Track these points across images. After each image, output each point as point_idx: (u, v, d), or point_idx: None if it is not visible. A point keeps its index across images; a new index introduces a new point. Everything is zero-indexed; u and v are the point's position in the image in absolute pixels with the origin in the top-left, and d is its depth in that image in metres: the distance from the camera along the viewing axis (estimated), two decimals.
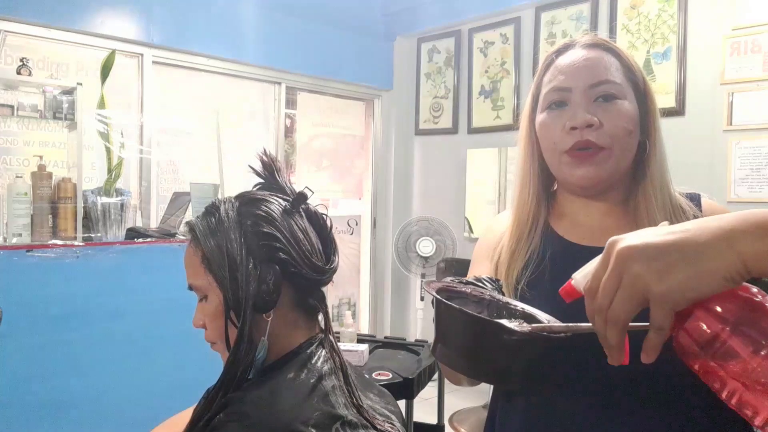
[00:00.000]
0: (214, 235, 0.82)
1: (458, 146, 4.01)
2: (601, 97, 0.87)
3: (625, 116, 0.87)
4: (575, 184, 0.91)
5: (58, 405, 1.93)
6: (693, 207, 0.90)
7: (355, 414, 0.78)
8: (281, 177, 0.89)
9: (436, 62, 4.18)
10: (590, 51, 0.91)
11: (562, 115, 0.89)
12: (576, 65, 0.90)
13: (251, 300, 0.79)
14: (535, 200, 0.96)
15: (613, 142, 0.87)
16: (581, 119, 0.86)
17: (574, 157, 0.88)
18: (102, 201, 2.18)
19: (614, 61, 0.90)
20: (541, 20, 3.55)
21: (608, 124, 0.86)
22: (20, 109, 2.21)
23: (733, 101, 2.79)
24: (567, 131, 0.88)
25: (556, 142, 0.90)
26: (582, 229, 0.94)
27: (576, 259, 0.89)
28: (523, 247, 0.95)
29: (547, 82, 0.93)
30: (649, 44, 3.08)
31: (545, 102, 0.92)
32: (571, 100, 0.89)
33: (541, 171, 0.96)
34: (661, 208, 0.88)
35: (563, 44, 0.94)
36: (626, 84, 0.89)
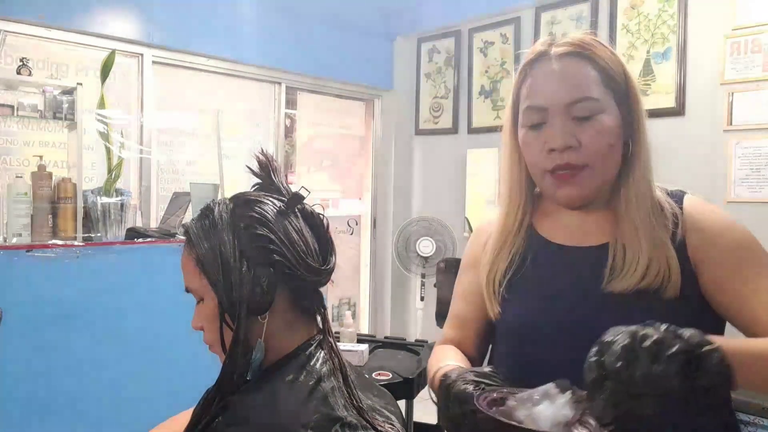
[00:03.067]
0: (208, 238, 0.82)
1: (458, 146, 4.01)
2: (578, 117, 0.86)
3: (606, 132, 0.87)
4: (559, 201, 0.92)
5: (58, 405, 1.93)
6: (674, 205, 0.90)
7: (355, 415, 0.78)
8: (277, 177, 0.89)
9: (436, 62, 4.18)
10: (565, 63, 0.88)
11: (540, 135, 0.89)
12: (551, 83, 0.88)
13: (245, 302, 0.78)
14: (521, 207, 0.97)
15: (594, 159, 0.87)
16: (560, 142, 0.86)
17: (556, 178, 0.89)
18: (102, 201, 2.18)
19: (591, 72, 0.87)
20: (541, 20, 3.55)
21: (588, 144, 0.86)
22: (20, 109, 2.21)
23: (733, 101, 2.78)
24: (546, 152, 0.88)
25: (537, 163, 0.90)
26: (563, 230, 0.95)
27: (557, 259, 0.93)
28: (506, 250, 0.97)
29: (524, 97, 0.92)
30: (649, 44, 3.08)
31: (523, 119, 0.92)
32: (548, 119, 0.88)
33: (525, 173, 0.96)
34: (642, 209, 0.88)
35: (537, 53, 0.91)
36: (605, 95, 0.87)
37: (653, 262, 0.85)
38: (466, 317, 1.04)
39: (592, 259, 0.90)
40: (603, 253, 0.89)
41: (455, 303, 1.08)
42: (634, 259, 0.85)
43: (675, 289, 0.84)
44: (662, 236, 0.86)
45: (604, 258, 0.88)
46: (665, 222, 0.88)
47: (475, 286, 1.02)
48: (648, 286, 0.84)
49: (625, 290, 0.85)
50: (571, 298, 0.89)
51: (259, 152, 0.89)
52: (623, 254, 0.87)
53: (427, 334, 3.58)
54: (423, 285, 3.98)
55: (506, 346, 0.97)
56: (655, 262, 0.85)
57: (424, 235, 3.84)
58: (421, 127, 4.28)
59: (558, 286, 0.91)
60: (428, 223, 3.86)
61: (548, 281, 0.93)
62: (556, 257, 0.94)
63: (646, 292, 0.84)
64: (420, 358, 2.21)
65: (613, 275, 0.86)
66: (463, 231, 3.93)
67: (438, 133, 4.18)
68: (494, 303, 0.96)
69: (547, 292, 0.92)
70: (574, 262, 0.92)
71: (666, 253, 0.85)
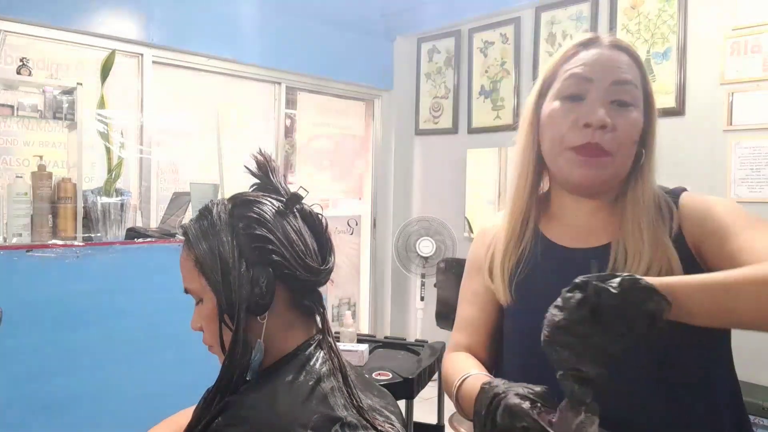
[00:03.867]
0: (206, 238, 0.81)
1: (458, 146, 4.01)
2: (617, 101, 0.87)
3: (635, 126, 0.88)
4: (572, 182, 0.91)
5: (58, 405, 1.93)
6: (670, 202, 0.91)
7: (355, 415, 0.78)
8: (276, 177, 0.88)
9: (436, 62, 4.18)
10: (614, 51, 0.90)
11: (575, 108, 0.87)
12: (600, 60, 0.89)
13: (244, 303, 0.78)
14: (529, 197, 0.97)
15: (619, 149, 0.87)
16: (598, 118, 0.85)
17: (580, 154, 0.87)
18: (102, 201, 2.18)
19: (634, 67, 0.90)
20: (541, 20, 3.55)
21: (620, 130, 0.86)
22: (20, 109, 2.21)
23: (733, 101, 2.78)
24: (579, 127, 0.86)
25: (563, 136, 0.88)
26: (569, 231, 0.95)
27: (562, 262, 0.93)
28: (515, 248, 0.96)
29: (567, 68, 0.90)
30: (649, 44, 3.08)
31: (561, 89, 0.90)
32: (589, 94, 0.87)
33: (537, 164, 0.95)
34: (647, 212, 0.88)
35: (588, 38, 0.92)
36: (640, 92, 0.89)
37: (654, 263, 0.85)
38: (475, 322, 1.02)
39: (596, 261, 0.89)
40: (606, 253, 0.89)
41: (463, 308, 1.06)
42: (635, 261, 0.85)
43: None
44: (663, 236, 0.87)
45: (607, 259, 0.88)
46: (664, 220, 0.89)
47: (482, 288, 1.01)
48: None
49: None
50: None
51: (257, 152, 0.89)
52: (624, 256, 0.87)
53: (427, 334, 3.58)
54: (423, 285, 3.98)
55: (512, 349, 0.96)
56: (656, 263, 0.85)
57: (424, 235, 3.84)
58: (421, 127, 4.28)
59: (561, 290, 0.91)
60: (428, 223, 3.86)
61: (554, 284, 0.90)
62: (561, 259, 0.93)
63: None
64: (420, 358, 2.21)
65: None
66: (463, 231, 3.93)
67: (438, 133, 4.18)
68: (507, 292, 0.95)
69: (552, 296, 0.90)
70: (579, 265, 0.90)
71: (668, 254, 0.85)
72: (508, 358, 0.98)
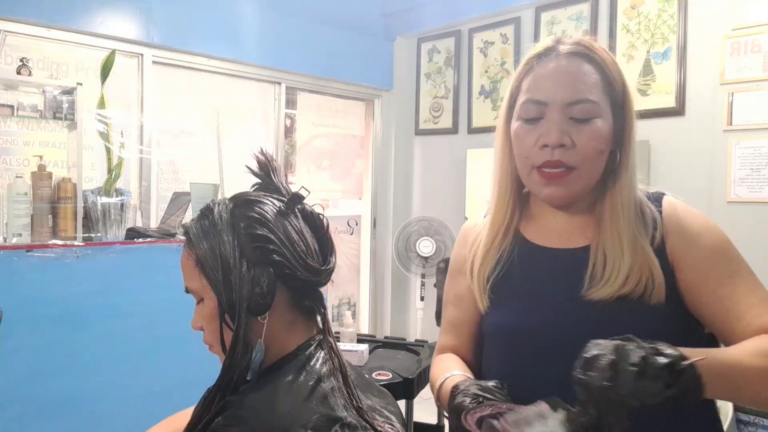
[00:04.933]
0: (208, 238, 0.81)
1: (458, 146, 4.01)
2: (575, 119, 0.87)
3: (598, 136, 0.88)
4: (542, 199, 0.93)
5: (58, 405, 1.93)
6: (653, 209, 0.91)
7: (355, 415, 0.78)
8: (277, 177, 0.88)
9: (436, 62, 4.18)
10: (572, 62, 0.89)
11: (535, 129, 0.89)
12: (554, 78, 0.89)
13: (245, 303, 0.78)
14: (511, 203, 0.98)
15: (583, 162, 0.88)
16: (554, 138, 0.87)
17: (543, 176, 0.89)
18: (102, 201, 2.18)
19: (594, 76, 0.89)
20: (541, 20, 3.55)
21: (580, 145, 0.87)
22: (20, 109, 2.21)
23: (733, 101, 2.78)
24: (539, 147, 0.89)
25: (527, 156, 0.91)
26: (548, 232, 0.96)
27: (539, 260, 0.95)
28: (495, 250, 0.98)
29: (525, 89, 0.92)
30: (649, 44, 3.08)
31: (520, 111, 0.92)
32: (546, 114, 0.88)
33: (514, 173, 0.97)
34: (626, 216, 0.89)
35: (545, 48, 0.92)
36: (603, 100, 0.89)
37: (634, 269, 0.85)
38: (459, 323, 1.04)
39: (574, 261, 0.91)
40: (585, 256, 0.90)
41: (447, 310, 1.08)
42: (615, 267, 0.86)
43: (660, 295, 0.85)
44: (644, 243, 0.87)
45: (586, 261, 0.89)
46: (646, 227, 0.89)
47: (465, 290, 1.02)
48: (629, 292, 0.85)
49: (605, 298, 0.86)
50: (553, 302, 0.90)
51: (258, 152, 0.89)
52: (603, 261, 0.88)
53: (427, 334, 3.58)
54: (423, 285, 3.98)
55: (491, 349, 0.98)
56: (636, 269, 0.85)
57: (424, 235, 3.84)
58: (421, 127, 4.28)
59: (540, 289, 0.93)
60: (428, 223, 3.86)
61: (531, 284, 0.94)
62: (539, 259, 0.95)
63: (629, 298, 0.85)
64: (420, 358, 2.21)
65: (593, 283, 0.87)
66: None
67: (438, 133, 4.18)
68: (483, 298, 0.97)
69: (529, 295, 0.93)
70: (557, 264, 0.93)
71: (648, 260, 0.86)
72: (487, 357, 0.99)
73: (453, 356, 1.02)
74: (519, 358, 0.91)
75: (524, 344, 0.91)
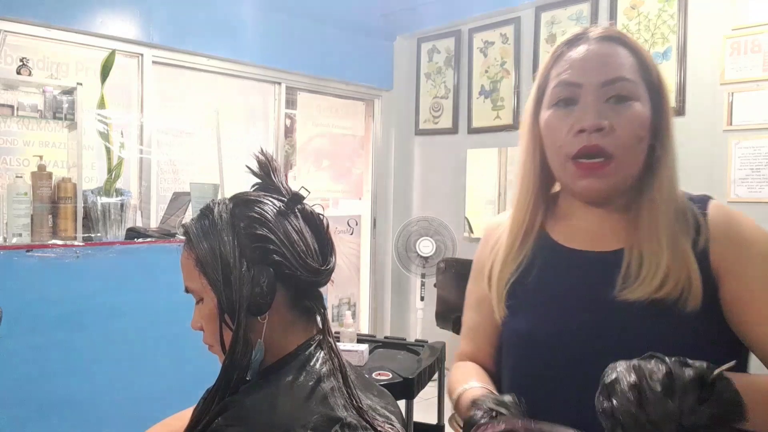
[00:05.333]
0: (207, 238, 0.81)
1: (458, 146, 4.01)
2: (614, 98, 0.80)
3: (638, 120, 0.80)
4: (578, 194, 0.86)
5: (58, 405, 1.93)
6: (696, 211, 0.83)
7: (355, 415, 0.78)
8: (277, 177, 0.88)
9: (436, 62, 4.18)
10: (604, 45, 0.83)
11: (569, 114, 0.82)
12: (588, 59, 0.82)
13: (245, 303, 0.78)
14: (533, 204, 0.91)
15: (622, 149, 0.80)
16: (591, 122, 0.79)
17: (580, 167, 0.82)
18: (102, 201, 2.18)
19: (629, 58, 0.83)
20: (541, 20, 3.55)
21: (620, 129, 0.79)
22: (20, 109, 2.21)
23: (733, 101, 2.78)
24: (574, 134, 0.81)
25: (561, 146, 0.83)
26: (577, 233, 0.89)
27: (566, 263, 0.87)
28: (517, 252, 0.91)
29: (555, 75, 0.85)
30: (649, 44, 3.08)
31: (552, 97, 0.85)
32: (580, 97, 0.82)
33: (542, 170, 0.90)
34: (665, 214, 0.81)
35: (575, 35, 0.86)
36: (640, 83, 0.82)
37: (672, 271, 0.78)
38: (479, 330, 0.98)
39: (605, 266, 0.83)
40: (618, 259, 0.83)
41: (467, 314, 1.02)
42: (652, 267, 0.79)
43: (695, 302, 0.77)
44: (684, 245, 0.80)
45: (619, 264, 0.82)
46: (687, 229, 0.82)
47: (485, 294, 0.96)
48: (665, 296, 0.78)
49: (639, 299, 0.79)
50: (580, 307, 0.83)
51: (259, 152, 0.89)
52: (640, 261, 0.80)
53: (427, 334, 3.58)
54: (423, 285, 3.98)
55: (510, 356, 0.91)
56: (675, 272, 0.78)
57: (424, 235, 3.84)
58: (421, 127, 4.28)
59: (566, 293, 0.86)
60: (428, 223, 3.86)
61: (556, 287, 0.87)
62: (566, 262, 0.88)
63: (663, 303, 0.78)
64: (420, 358, 2.21)
65: (626, 283, 0.80)
66: (463, 231, 3.93)
67: (438, 133, 4.18)
68: (501, 307, 0.91)
69: (554, 300, 0.86)
70: (586, 268, 0.86)
71: (687, 262, 0.79)
72: (504, 367, 0.93)
73: (472, 365, 0.96)
74: (535, 368, 0.86)
75: (540, 353, 0.85)
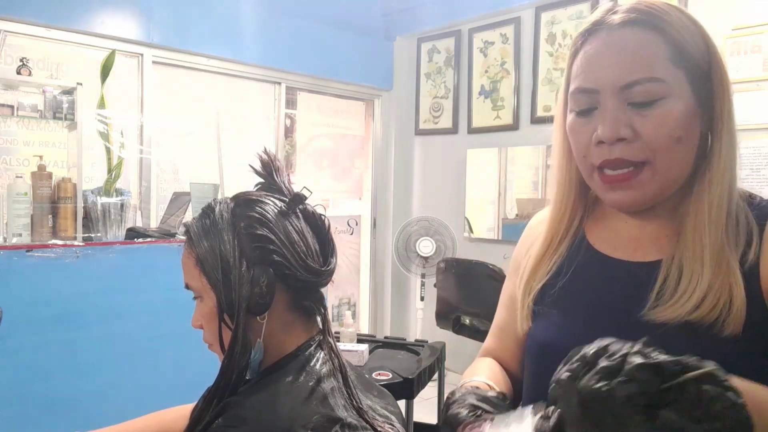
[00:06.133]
0: (208, 237, 0.82)
1: (458, 146, 4.01)
2: (636, 103, 0.70)
3: (671, 121, 0.69)
4: (611, 206, 0.78)
5: (58, 405, 1.93)
6: (752, 219, 0.72)
7: (355, 416, 0.78)
8: (279, 177, 0.88)
9: (436, 62, 4.18)
10: (626, 34, 0.71)
11: (590, 123, 0.74)
12: (605, 58, 0.72)
13: (244, 302, 0.78)
14: (571, 205, 0.84)
15: (654, 155, 0.70)
16: (608, 133, 0.70)
17: (605, 179, 0.73)
18: (102, 201, 2.18)
19: (657, 46, 0.70)
20: (541, 20, 3.55)
21: (647, 135, 0.70)
22: (20, 109, 2.21)
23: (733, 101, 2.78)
24: (595, 144, 0.73)
25: (585, 155, 0.75)
26: (614, 239, 0.81)
27: (599, 272, 0.80)
28: (549, 257, 0.85)
29: (574, 75, 0.76)
30: None
31: (572, 103, 0.77)
32: (599, 103, 0.72)
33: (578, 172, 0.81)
34: (714, 219, 0.71)
35: (592, 23, 0.75)
36: (674, 73, 0.70)
37: (713, 289, 0.68)
38: (506, 327, 0.92)
39: (640, 279, 0.74)
40: (654, 272, 0.73)
41: (499, 311, 0.97)
42: (692, 284, 0.69)
43: (737, 326, 0.67)
44: (730, 259, 0.70)
45: (654, 278, 0.73)
46: (737, 239, 0.71)
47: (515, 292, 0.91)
48: (700, 318, 0.68)
49: (671, 320, 0.69)
50: (606, 322, 0.75)
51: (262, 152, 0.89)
52: (678, 276, 0.71)
53: (427, 334, 3.58)
54: (423, 285, 3.98)
55: (531, 365, 0.85)
56: (716, 290, 0.68)
57: (424, 235, 3.84)
58: (421, 127, 4.28)
59: (594, 304, 0.78)
60: (428, 223, 3.86)
61: (584, 297, 0.80)
62: (598, 271, 0.80)
63: (698, 325, 0.68)
64: (420, 358, 2.21)
65: (659, 301, 0.71)
66: (463, 231, 3.93)
67: (438, 133, 4.18)
68: (525, 317, 0.85)
69: (580, 311, 0.79)
70: (619, 279, 0.78)
71: (731, 282, 0.68)
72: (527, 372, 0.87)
73: (490, 362, 0.92)
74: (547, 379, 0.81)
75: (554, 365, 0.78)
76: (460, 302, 3.22)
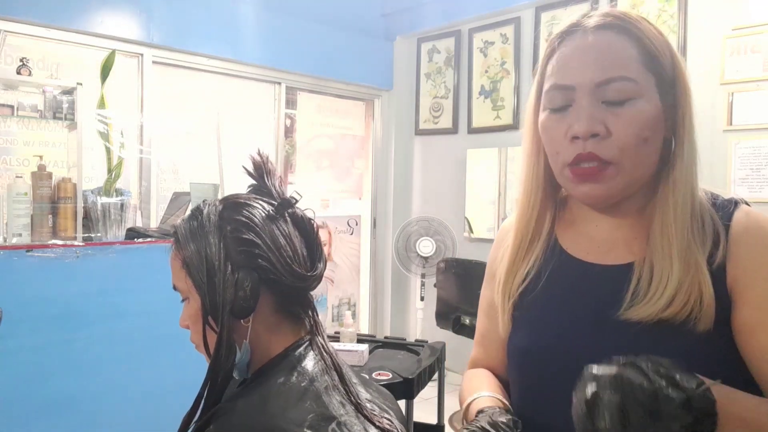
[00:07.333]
0: (195, 239, 0.82)
1: (458, 146, 4.01)
2: (611, 99, 0.73)
3: (640, 121, 0.73)
4: (578, 199, 0.81)
5: (58, 405, 1.93)
6: (717, 220, 0.75)
7: (352, 411, 0.77)
8: (270, 180, 0.88)
9: (436, 62, 4.18)
10: (600, 36, 0.75)
11: (564, 119, 0.76)
12: (581, 56, 0.75)
13: (228, 305, 0.78)
14: (538, 206, 0.85)
15: (621, 155, 0.73)
16: (584, 128, 0.73)
17: (576, 174, 0.75)
18: (102, 201, 2.18)
19: (631, 49, 0.74)
20: (541, 20, 3.55)
21: (617, 133, 0.73)
22: (20, 109, 2.21)
23: (733, 101, 2.78)
24: (569, 140, 0.75)
25: (558, 152, 0.77)
26: (586, 243, 0.83)
27: (573, 277, 0.82)
28: (522, 261, 0.86)
29: (549, 74, 0.79)
30: None
31: (546, 100, 0.79)
32: (574, 100, 0.75)
33: (546, 173, 0.84)
34: (679, 218, 0.74)
35: (569, 25, 0.79)
36: (645, 77, 0.74)
37: (683, 286, 0.71)
38: (490, 336, 0.93)
39: (614, 282, 0.77)
40: (627, 274, 0.76)
41: (480, 320, 0.98)
42: (662, 282, 0.72)
43: (707, 322, 0.71)
44: (698, 257, 0.73)
45: (628, 280, 0.76)
46: (704, 238, 0.74)
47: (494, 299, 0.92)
48: (672, 316, 0.71)
49: (645, 319, 0.72)
50: (583, 325, 0.78)
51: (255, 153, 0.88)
52: (650, 276, 0.74)
53: (427, 334, 3.58)
54: (423, 285, 3.98)
55: (514, 371, 0.87)
56: (686, 287, 0.71)
57: (424, 235, 3.84)
58: (421, 127, 4.28)
59: (570, 309, 0.80)
60: (428, 223, 3.86)
61: (560, 302, 0.82)
62: (573, 275, 0.82)
63: (671, 323, 0.71)
64: (420, 358, 2.21)
65: (634, 301, 0.74)
66: (463, 231, 3.93)
67: (438, 133, 4.18)
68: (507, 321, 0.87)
69: (558, 315, 0.81)
70: (593, 283, 0.80)
71: (699, 278, 0.71)
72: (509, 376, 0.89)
73: (484, 373, 0.93)
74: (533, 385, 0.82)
75: (538, 371, 0.80)
76: (460, 302, 3.22)
